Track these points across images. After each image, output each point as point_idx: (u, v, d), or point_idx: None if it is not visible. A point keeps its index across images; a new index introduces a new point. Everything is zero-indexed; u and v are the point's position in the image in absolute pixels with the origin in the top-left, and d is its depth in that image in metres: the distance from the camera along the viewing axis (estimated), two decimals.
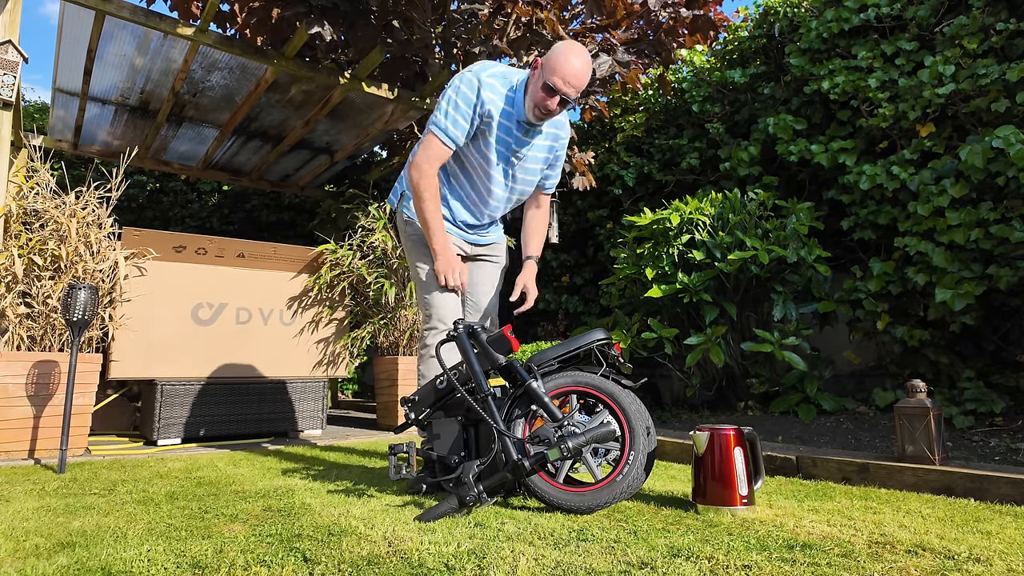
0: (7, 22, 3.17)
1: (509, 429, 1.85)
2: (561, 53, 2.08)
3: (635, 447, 1.74)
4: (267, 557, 1.30)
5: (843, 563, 1.28)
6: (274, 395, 3.84)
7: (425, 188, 2.15)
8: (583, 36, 4.67)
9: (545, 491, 1.74)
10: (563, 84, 2.07)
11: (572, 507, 1.70)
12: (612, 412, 1.81)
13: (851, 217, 3.66)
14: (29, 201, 3.12)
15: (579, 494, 1.71)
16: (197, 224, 7.85)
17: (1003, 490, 1.90)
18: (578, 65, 2.07)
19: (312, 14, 3.86)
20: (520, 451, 1.77)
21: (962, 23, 3.26)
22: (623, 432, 1.77)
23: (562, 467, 1.81)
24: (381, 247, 4.50)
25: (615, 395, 1.81)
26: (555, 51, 2.10)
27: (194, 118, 5.23)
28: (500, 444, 1.77)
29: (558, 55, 2.08)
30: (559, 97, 2.09)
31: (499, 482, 1.72)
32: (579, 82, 2.10)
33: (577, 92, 2.11)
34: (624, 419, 1.78)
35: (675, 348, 3.65)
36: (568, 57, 2.07)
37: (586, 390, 1.86)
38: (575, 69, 2.06)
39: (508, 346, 1.92)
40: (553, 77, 2.06)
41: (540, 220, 2.51)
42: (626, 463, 1.72)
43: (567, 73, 2.06)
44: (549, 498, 1.73)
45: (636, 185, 5.00)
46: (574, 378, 1.88)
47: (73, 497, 1.94)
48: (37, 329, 2.98)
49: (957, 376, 3.24)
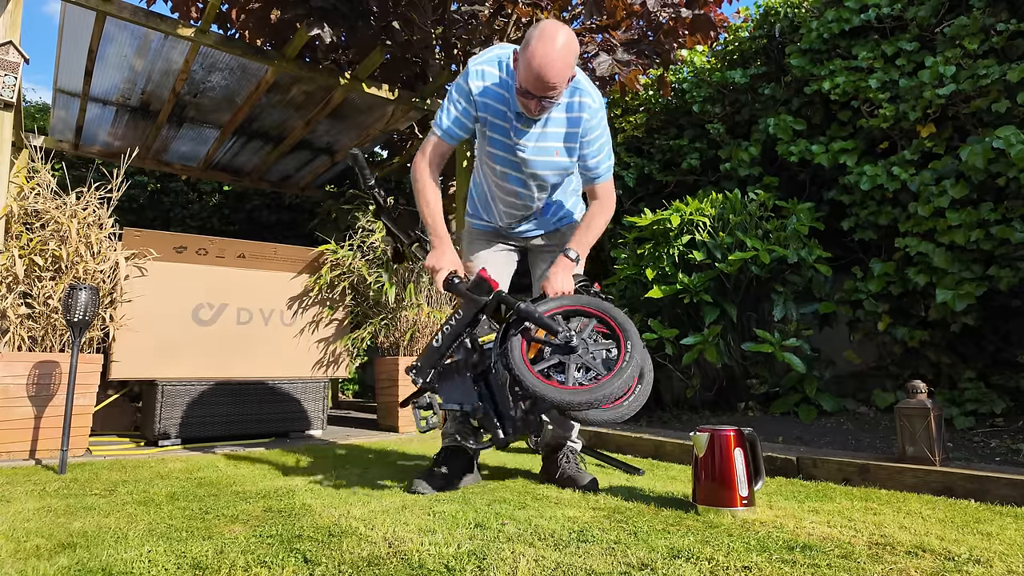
0: (8, 23, 3.18)
1: (506, 351, 1.87)
2: (528, 53, 1.86)
3: (631, 339, 1.83)
4: (267, 558, 1.30)
5: (843, 564, 1.28)
6: (275, 395, 3.84)
7: (416, 180, 2.12)
8: (583, 36, 4.67)
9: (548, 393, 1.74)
10: (536, 88, 1.88)
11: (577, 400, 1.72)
12: (602, 321, 1.92)
13: (852, 217, 3.66)
14: (30, 202, 3.13)
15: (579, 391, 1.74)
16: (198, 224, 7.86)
17: (1003, 491, 1.90)
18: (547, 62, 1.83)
19: (312, 16, 3.87)
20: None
21: (963, 23, 3.26)
22: (616, 334, 1.87)
23: (568, 371, 1.83)
24: (381, 247, 4.50)
25: (600, 306, 1.94)
26: (524, 47, 1.89)
27: (195, 119, 5.23)
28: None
29: (524, 54, 1.87)
30: (538, 99, 1.92)
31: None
32: (555, 78, 1.86)
33: (557, 87, 1.89)
34: (615, 325, 1.89)
35: (675, 349, 3.65)
36: (534, 56, 1.84)
37: (574, 307, 1.96)
38: (543, 69, 1.84)
39: (487, 287, 1.96)
40: (523, 84, 1.90)
41: (591, 214, 2.18)
42: (624, 358, 1.79)
43: (535, 77, 1.86)
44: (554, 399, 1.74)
45: (637, 185, 5.00)
46: (560, 302, 1.98)
47: (74, 498, 1.94)
48: (38, 330, 2.98)
49: (958, 377, 3.24)
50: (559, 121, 2.08)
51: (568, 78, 1.92)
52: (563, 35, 1.87)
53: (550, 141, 2.09)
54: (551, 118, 2.06)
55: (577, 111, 2.06)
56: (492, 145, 2.15)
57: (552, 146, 2.10)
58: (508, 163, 2.16)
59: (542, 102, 1.93)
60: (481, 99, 2.06)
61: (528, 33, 1.90)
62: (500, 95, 2.06)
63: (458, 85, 2.08)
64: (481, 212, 2.39)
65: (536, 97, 1.91)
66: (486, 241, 2.40)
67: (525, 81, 1.89)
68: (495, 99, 2.07)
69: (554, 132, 2.08)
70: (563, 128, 2.09)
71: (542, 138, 2.09)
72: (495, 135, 2.12)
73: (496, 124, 2.10)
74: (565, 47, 1.86)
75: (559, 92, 1.92)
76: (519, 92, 1.94)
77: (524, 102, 1.96)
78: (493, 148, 2.15)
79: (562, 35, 1.87)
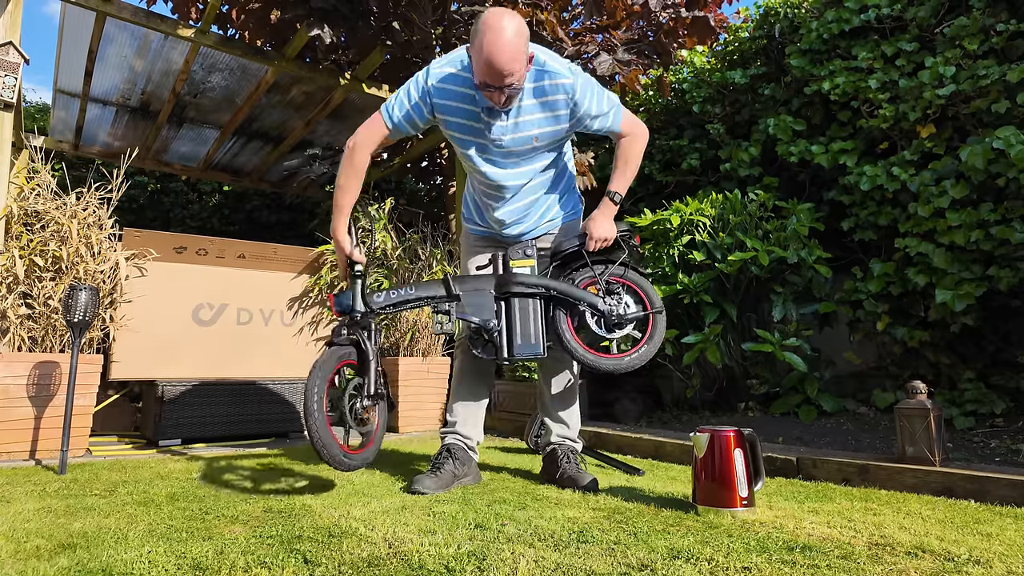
0: (8, 23, 3.18)
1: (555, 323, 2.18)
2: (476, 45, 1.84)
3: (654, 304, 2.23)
4: (268, 559, 1.30)
5: (843, 565, 1.28)
6: (275, 396, 3.84)
7: (346, 159, 2.08)
8: (583, 36, 4.67)
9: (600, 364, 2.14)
10: (491, 78, 1.84)
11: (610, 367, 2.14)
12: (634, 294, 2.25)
13: (851, 218, 3.66)
14: (30, 202, 3.13)
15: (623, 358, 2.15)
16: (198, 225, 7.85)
17: (1003, 491, 1.90)
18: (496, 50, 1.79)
19: (312, 16, 3.87)
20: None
21: (962, 24, 3.26)
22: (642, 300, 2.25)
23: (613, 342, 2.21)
24: (381, 247, 4.50)
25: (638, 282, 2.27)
26: (472, 40, 1.87)
27: (195, 119, 5.23)
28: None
29: (474, 48, 1.85)
30: (498, 88, 1.87)
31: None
32: (508, 64, 1.81)
33: (513, 73, 1.83)
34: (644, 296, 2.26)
35: (675, 349, 3.65)
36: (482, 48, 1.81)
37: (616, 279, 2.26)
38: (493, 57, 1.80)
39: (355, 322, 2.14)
40: (479, 77, 1.87)
41: (623, 149, 2.18)
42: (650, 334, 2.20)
43: (487, 67, 1.82)
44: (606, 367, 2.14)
45: (636, 186, 5.00)
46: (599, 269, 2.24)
47: (74, 498, 1.94)
48: (38, 330, 2.98)
49: (958, 377, 3.24)
50: (531, 107, 2.02)
51: (524, 61, 1.87)
52: (508, 21, 1.83)
53: (526, 130, 2.05)
54: (522, 106, 2.01)
55: (552, 94, 2.01)
56: (465, 147, 2.13)
57: (529, 134, 2.06)
58: (487, 160, 2.13)
59: (504, 91, 1.89)
60: (441, 101, 2.03)
61: (474, 27, 1.87)
62: (465, 94, 2.02)
63: (416, 81, 2.05)
64: (475, 216, 2.39)
65: (496, 87, 1.87)
66: (481, 247, 2.40)
67: (480, 74, 1.87)
68: (459, 99, 2.03)
69: (528, 120, 2.04)
70: (538, 114, 2.04)
71: (517, 128, 2.05)
72: (466, 136, 2.09)
73: (464, 125, 2.07)
74: (512, 31, 1.82)
75: (518, 77, 1.87)
76: (480, 87, 1.91)
77: (488, 95, 1.93)
78: (466, 149, 2.13)
79: (507, 21, 1.82)
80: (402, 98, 2.04)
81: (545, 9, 4.17)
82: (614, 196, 2.18)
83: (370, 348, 1.99)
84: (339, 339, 1.99)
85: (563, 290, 2.14)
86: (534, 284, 2.13)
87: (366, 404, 1.98)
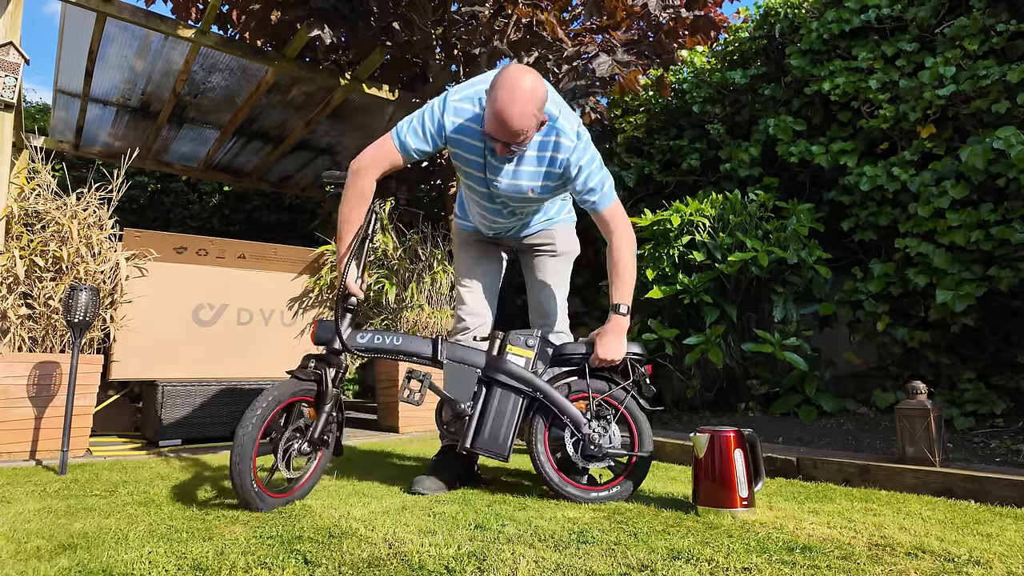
0: (8, 24, 3.18)
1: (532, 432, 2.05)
2: (491, 99, 1.85)
3: (643, 445, 2.01)
4: (268, 559, 1.30)
5: (843, 565, 1.28)
6: None
7: (350, 184, 1.98)
8: (583, 37, 4.67)
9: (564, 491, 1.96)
10: (499, 134, 1.87)
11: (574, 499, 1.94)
12: (626, 427, 2.04)
13: (852, 218, 3.66)
14: (31, 202, 3.13)
15: (589, 492, 1.95)
16: (198, 225, 7.86)
17: (1003, 492, 1.90)
18: (508, 112, 1.81)
19: (312, 17, 3.87)
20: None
21: (963, 24, 3.26)
22: (633, 442, 2.03)
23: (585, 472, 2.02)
24: (381, 248, 4.50)
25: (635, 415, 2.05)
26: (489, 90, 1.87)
27: (195, 119, 5.23)
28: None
29: (489, 100, 1.86)
30: (503, 143, 1.90)
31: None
32: (517, 125, 1.83)
33: (520, 134, 1.87)
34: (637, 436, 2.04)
35: (676, 349, 3.65)
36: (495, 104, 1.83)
37: (610, 401, 2.06)
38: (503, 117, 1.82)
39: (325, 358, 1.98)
40: (488, 129, 1.90)
41: (615, 255, 2.07)
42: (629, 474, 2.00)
43: (497, 124, 1.85)
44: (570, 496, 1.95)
45: (637, 186, 5.00)
46: (597, 387, 2.06)
47: (74, 498, 1.94)
48: (38, 330, 2.98)
49: (958, 377, 3.24)
50: (532, 160, 2.03)
51: (535, 123, 1.88)
52: (524, 82, 1.82)
53: (523, 180, 2.06)
54: (525, 156, 2.03)
55: (552, 151, 2.01)
56: (468, 178, 2.16)
57: (525, 184, 2.07)
58: (484, 195, 2.17)
59: (509, 147, 1.91)
60: (454, 135, 2.02)
61: (495, 78, 1.87)
62: (476, 131, 2.01)
63: (431, 111, 2.01)
64: (468, 216, 2.42)
65: (501, 142, 1.89)
66: (472, 244, 2.42)
67: (489, 127, 1.88)
68: (470, 135, 2.03)
69: (528, 171, 2.05)
70: (536, 167, 2.04)
71: (516, 175, 2.06)
72: (470, 169, 2.11)
73: (471, 160, 2.07)
74: (527, 95, 1.81)
75: (525, 138, 1.89)
76: (486, 136, 1.93)
77: (493, 143, 1.94)
78: (468, 179, 2.16)
79: (523, 82, 1.82)
80: (415, 126, 1.99)
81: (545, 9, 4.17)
82: (619, 308, 2.04)
83: (330, 390, 1.86)
84: (302, 372, 1.86)
85: (551, 398, 1.98)
86: (523, 380, 1.99)
87: (304, 449, 1.82)
